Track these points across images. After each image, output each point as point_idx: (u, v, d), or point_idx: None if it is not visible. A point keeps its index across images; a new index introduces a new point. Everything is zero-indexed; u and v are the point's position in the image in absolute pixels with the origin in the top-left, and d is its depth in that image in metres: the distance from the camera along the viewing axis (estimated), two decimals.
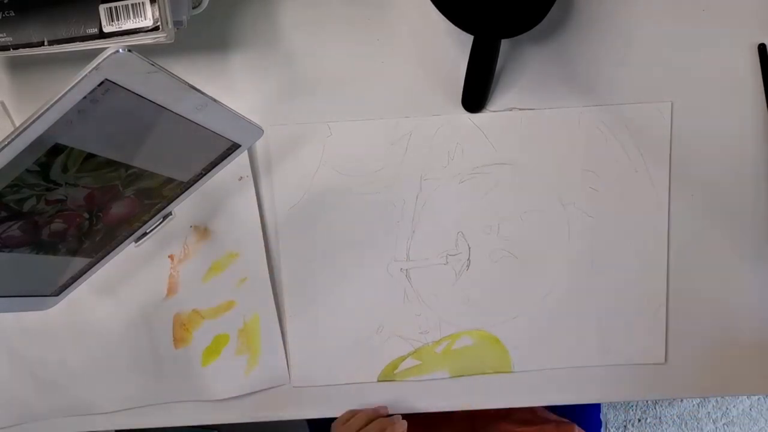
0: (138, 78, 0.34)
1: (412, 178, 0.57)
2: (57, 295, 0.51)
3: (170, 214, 0.52)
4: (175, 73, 0.36)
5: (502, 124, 0.55)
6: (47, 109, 0.31)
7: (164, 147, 0.42)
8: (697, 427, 1.35)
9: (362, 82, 0.56)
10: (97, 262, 0.51)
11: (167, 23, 0.45)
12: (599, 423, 0.79)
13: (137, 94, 0.35)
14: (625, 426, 1.35)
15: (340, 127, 0.56)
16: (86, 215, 0.43)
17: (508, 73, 0.55)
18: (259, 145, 0.57)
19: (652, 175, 0.56)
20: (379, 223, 0.58)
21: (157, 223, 0.52)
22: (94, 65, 0.31)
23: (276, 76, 0.56)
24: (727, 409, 1.35)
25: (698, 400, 1.35)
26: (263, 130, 0.49)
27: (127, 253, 0.53)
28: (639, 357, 0.59)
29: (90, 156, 0.37)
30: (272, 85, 0.56)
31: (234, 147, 0.49)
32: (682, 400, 1.34)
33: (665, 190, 0.56)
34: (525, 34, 0.49)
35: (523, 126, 0.55)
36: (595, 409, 0.81)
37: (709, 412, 1.36)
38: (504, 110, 0.55)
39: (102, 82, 0.32)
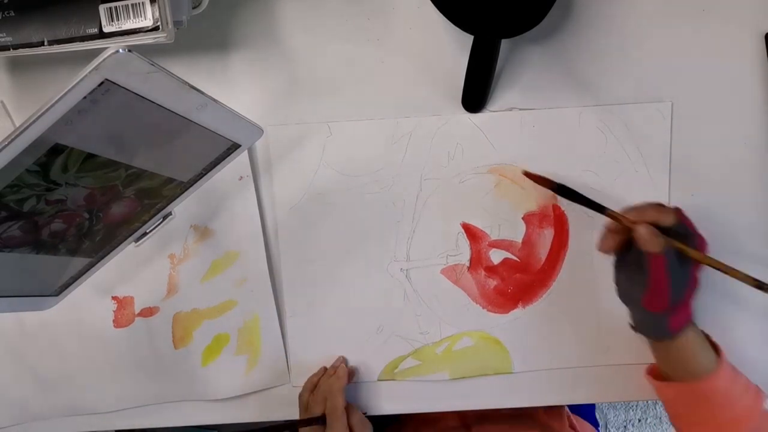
0: (138, 78, 0.34)
1: (412, 178, 0.57)
2: (57, 295, 0.51)
3: (170, 214, 0.52)
4: (175, 73, 0.36)
5: (502, 124, 0.56)
6: (47, 109, 0.31)
7: (164, 147, 0.42)
8: None
9: (362, 82, 0.56)
10: (97, 262, 0.51)
11: (167, 23, 0.45)
12: (596, 423, 0.79)
13: (137, 94, 0.35)
14: (625, 426, 1.35)
15: (340, 127, 0.56)
16: (86, 215, 0.43)
17: (508, 73, 0.55)
18: (259, 145, 0.57)
19: (652, 175, 0.56)
20: (379, 223, 0.58)
21: (157, 223, 0.52)
22: (94, 65, 0.31)
23: (276, 76, 0.56)
24: None
25: None
26: (263, 130, 0.49)
27: (127, 253, 0.53)
28: (639, 357, 0.59)
29: (90, 156, 0.37)
30: (272, 85, 0.56)
31: (234, 147, 0.49)
32: None
33: (665, 190, 0.56)
34: (525, 34, 0.49)
35: (523, 126, 0.55)
36: (589, 408, 0.81)
37: None
38: (504, 110, 0.55)
39: (102, 82, 0.32)
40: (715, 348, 0.50)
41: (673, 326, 0.48)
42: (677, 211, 0.47)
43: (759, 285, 0.43)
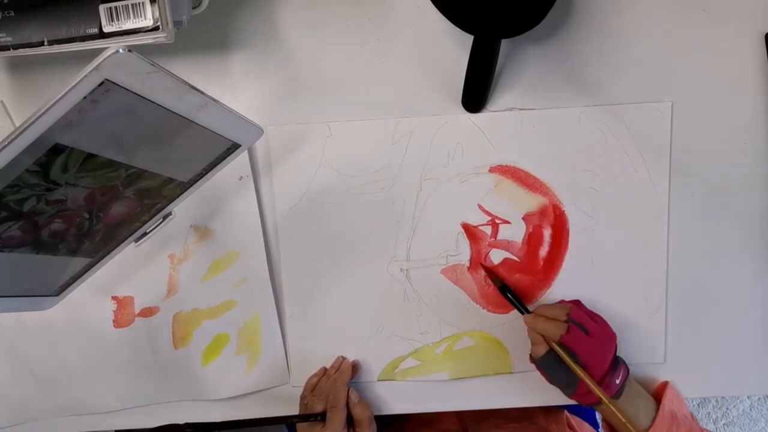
0: (138, 78, 0.34)
1: (412, 178, 0.57)
2: (57, 295, 0.51)
3: (170, 214, 0.52)
4: (175, 73, 0.36)
5: (502, 124, 0.56)
6: (47, 109, 0.31)
7: (164, 147, 0.42)
8: None
9: (362, 82, 0.56)
10: (97, 262, 0.51)
11: (167, 23, 0.45)
12: (596, 424, 0.79)
13: (137, 94, 0.35)
14: None
15: (340, 127, 0.56)
16: (86, 215, 0.43)
17: (508, 73, 0.55)
18: (259, 145, 0.57)
19: (652, 175, 0.56)
20: (379, 223, 0.58)
21: (157, 223, 0.52)
22: (94, 65, 0.31)
23: (276, 76, 0.56)
24: (727, 409, 1.35)
25: (698, 400, 1.34)
26: (263, 130, 0.49)
27: (127, 253, 0.53)
28: (639, 357, 0.59)
29: (90, 156, 0.37)
30: (272, 85, 0.56)
31: (234, 147, 0.49)
32: None
33: (665, 190, 0.56)
34: (525, 34, 0.49)
35: (523, 126, 0.55)
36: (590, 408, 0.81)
37: (709, 412, 1.36)
38: (504, 110, 0.55)
39: (102, 83, 0.32)
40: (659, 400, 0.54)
41: (582, 402, 0.53)
42: (572, 310, 0.52)
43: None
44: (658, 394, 0.56)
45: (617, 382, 0.52)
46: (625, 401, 0.52)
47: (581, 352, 0.50)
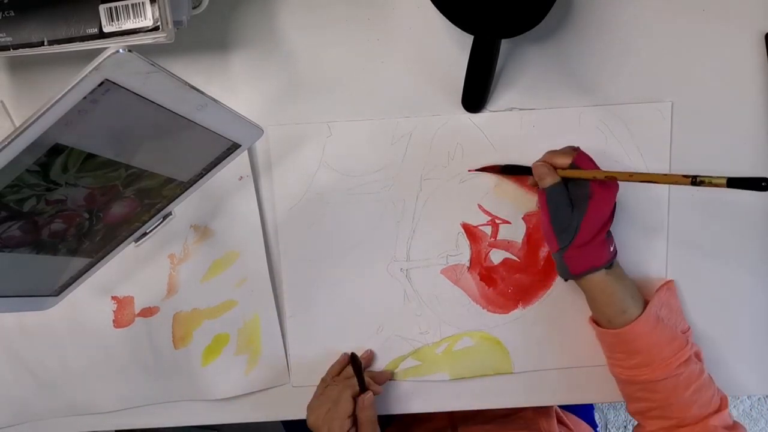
0: (138, 78, 0.34)
1: (413, 178, 0.57)
2: (57, 295, 0.51)
3: (170, 214, 0.52)
4: (175, 73, 0.36)
5: (502, 124, 0.56)
6: (47, 109, 0.31)
7: (164, 147, 0.42)
8: None
9: (362, 82, 0.56)
10: (97, 262, 0.51)
11: (167, 23, 0.45)
12: (595, 424, 0.79)
13: (137, 94, 0.35)
14: (625, 426, 1.35)
15: (340, 127, 0.56)
16: (86, 215, 0.43)
17: (508, 73, 0.55)
18: (259, 145, 0.57)
19: None
20: (379, 223, 0.58)
21: (157, 223, 0.52)
22: (94, 65, 0.31)
23: (276, 76, 0.56)
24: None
25: None
26: (263, 130, 0.49)
27: (127, 253, 0.53)
28: None
29: (90, 156, 0.37)
30: (272, 85, 0.56)
31: (234, 147, 0.49)
32: None
33: (665, 190, 0.56)
34: (525, 34, 0.49)
35: (523, 126, 0.55)
36: (588, 408, 0.81)
37: None
38: (504, 110, 0.55)
39: (102, 83, 0.32)
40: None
41: (572, 267, 0.50)
42: (576, 152, 0.49)
43: (693, 180, 0.42)
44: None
45: (611, 249, 0.50)
46: (614, 278, 0.50)
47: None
